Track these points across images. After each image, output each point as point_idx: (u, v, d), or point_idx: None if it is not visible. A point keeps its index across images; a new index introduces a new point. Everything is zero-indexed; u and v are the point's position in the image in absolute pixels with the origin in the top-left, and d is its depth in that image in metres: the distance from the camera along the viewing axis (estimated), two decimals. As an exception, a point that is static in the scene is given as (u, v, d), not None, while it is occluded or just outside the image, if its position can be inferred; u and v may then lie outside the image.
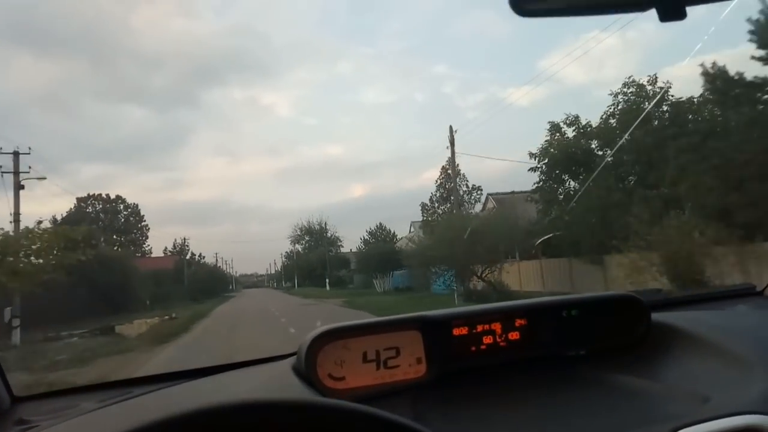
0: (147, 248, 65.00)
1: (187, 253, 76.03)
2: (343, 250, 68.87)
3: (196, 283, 48.80)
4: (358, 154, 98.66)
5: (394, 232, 60.92)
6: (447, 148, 26.65)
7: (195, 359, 11.23)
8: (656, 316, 1.31)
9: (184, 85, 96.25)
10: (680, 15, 0.69)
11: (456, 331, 1.24)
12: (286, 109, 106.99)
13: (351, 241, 64.13)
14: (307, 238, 78.92)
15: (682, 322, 1.28)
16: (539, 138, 23.69)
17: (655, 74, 19.92)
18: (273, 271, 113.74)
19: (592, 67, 71.18)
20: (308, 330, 1.18)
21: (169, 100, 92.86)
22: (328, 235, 74.68)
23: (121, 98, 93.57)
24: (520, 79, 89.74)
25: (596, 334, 1.31)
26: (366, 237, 63.28)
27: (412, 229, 41.69)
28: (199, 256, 77.64)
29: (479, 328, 1.25)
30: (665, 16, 0.69)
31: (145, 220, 67.37)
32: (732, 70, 12.85)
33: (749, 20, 13.13)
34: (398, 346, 1.20)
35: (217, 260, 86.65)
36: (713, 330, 1.22)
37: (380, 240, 61.37)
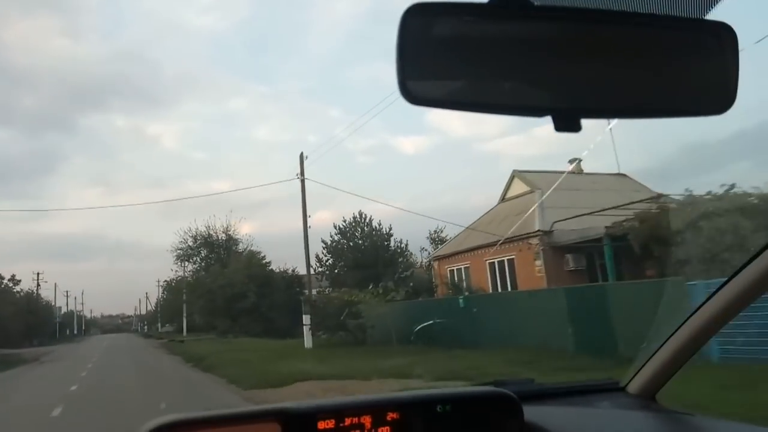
0: None
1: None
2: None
3: None
4: (248, 191, 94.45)
5: (389, 228, 30.95)
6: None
7: None
8: (528, 411, 1.28)
9: (59, 108, 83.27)
10: (575, 127, 0.69)
11: (321, 425, 1.13)
12: (173, 141, 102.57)
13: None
14: (204, 253, 45.61)
15: (554, 420, 1.27)
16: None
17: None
18: (143, 312, 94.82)
19: (473, 123, 74.47)
20: None
21: (41, 122, 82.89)
22: (239, 248, 42.51)
23: (-20, 115, 77.75)
24: (408, 128, 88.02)
25: (470, 431, 1.24)
26: (335, 236, 32.33)
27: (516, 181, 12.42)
28: (10, 279, 43.33)
29: (347, 421, 1.15)
30: (560, 127, 0.68)
31: None
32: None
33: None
34: None
35: (38, 286, 53.10)
36: None
37: (354, 234, 31.65)
